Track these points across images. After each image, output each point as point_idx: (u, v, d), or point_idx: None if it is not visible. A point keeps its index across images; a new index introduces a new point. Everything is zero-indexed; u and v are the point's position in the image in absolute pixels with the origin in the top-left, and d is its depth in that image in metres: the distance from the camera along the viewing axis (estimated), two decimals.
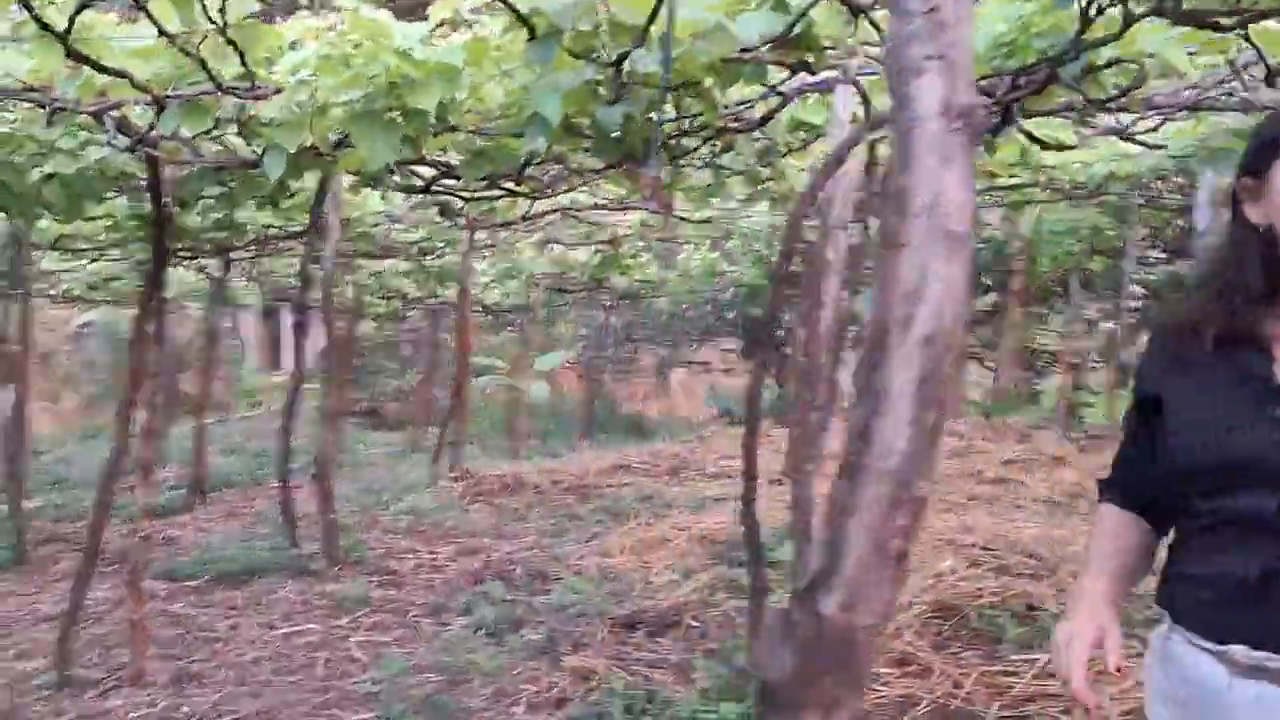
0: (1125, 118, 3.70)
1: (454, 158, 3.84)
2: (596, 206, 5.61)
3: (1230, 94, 2.73)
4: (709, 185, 5.02)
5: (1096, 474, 5.34)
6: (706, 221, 6.66)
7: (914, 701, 3.28)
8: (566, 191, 4.28)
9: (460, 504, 6.55)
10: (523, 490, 6.80)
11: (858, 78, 3.06)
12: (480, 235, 7.57)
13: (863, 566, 0.77)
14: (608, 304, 11.13)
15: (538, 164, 3.62)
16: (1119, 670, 1.52)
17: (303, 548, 5.34)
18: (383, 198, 5.17)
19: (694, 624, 4.06)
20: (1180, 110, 2.83)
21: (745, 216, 7.76)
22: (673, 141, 3.15)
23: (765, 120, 2.96)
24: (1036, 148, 4.64)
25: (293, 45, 2.90)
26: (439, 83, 2.77)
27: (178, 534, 5.91)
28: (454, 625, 4.31)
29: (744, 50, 2.40)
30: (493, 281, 10.66)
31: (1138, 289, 10.82)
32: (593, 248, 9.57)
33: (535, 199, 4.44)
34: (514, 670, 3.72)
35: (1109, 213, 9.50)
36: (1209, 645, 1.37)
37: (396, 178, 3.60)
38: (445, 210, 6.05)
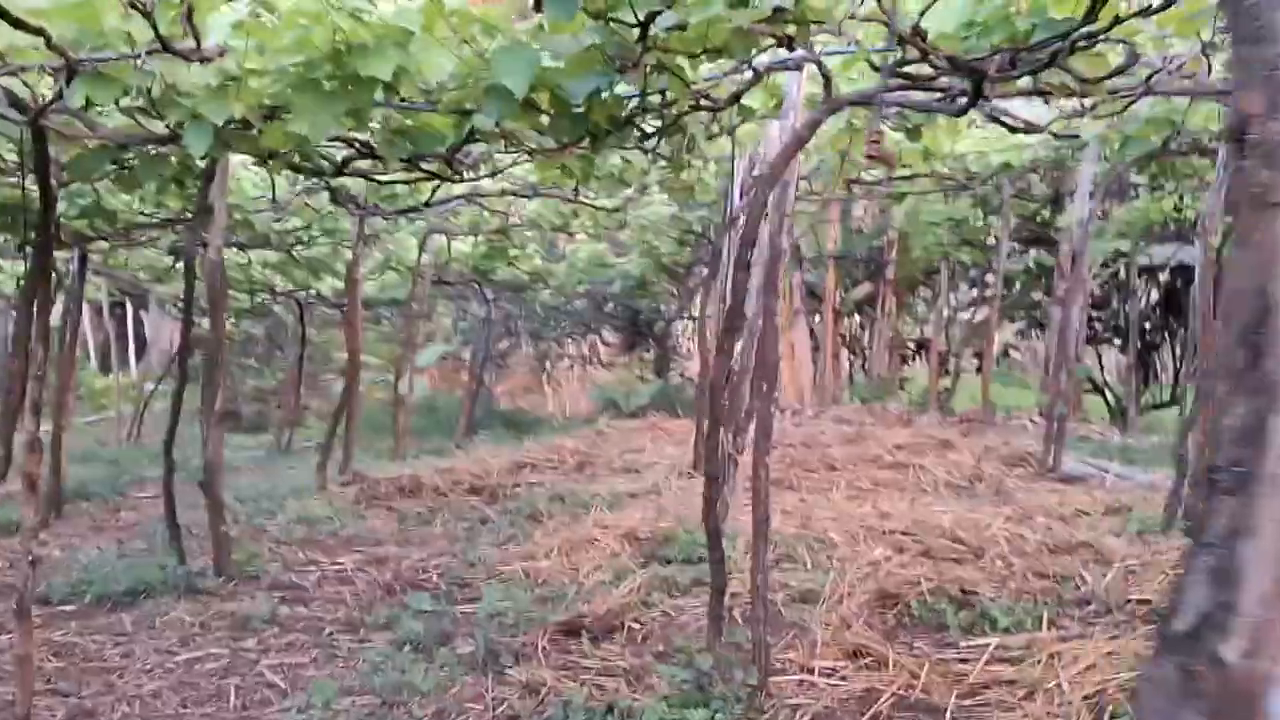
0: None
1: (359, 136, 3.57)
2: (505, 193, 5.37)
3: (1188, 76, 2.77)
4: (621, 170, 4.86)
5: (984, 457, 5.37)
6: (616, 210, 6.50)
7: (876, 695, 3.23)
8: (492, 175, 4.04)
9: (356, 510, 6.19)
10: (422, 493, 6.49)
11: (821, 58, 2.97)
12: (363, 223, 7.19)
13: (1264, 602, 0.64)
14: (491, 297, 10.82)
15: (475, 143, 3.39)
16: None
17: (190, 563, 4.91)
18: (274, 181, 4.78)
19: (636, 626, 3.91)
20: (1141, 95, 2.86)
21: (644, 205, 7.65)
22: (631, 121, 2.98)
23: (736, 98, 2.83)
24: (930, 138, 4.68)
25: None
26: (392, 49, 2.52)
27: (41, 551, 5.34)
28: (376, 641, 4.01)
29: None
30: (370, 273, 10.21)
31: (994, 278, 11.29)
32: (478, 238, 9.29)
33: (455, 181, 4.18)
34: (453, 688, 3.47)
35: (979, 204, 9.86)
36: None
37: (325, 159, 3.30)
38: (337, 196, 5.70)
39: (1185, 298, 11.92)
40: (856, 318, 12.53)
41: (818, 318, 11.35)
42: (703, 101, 2.84)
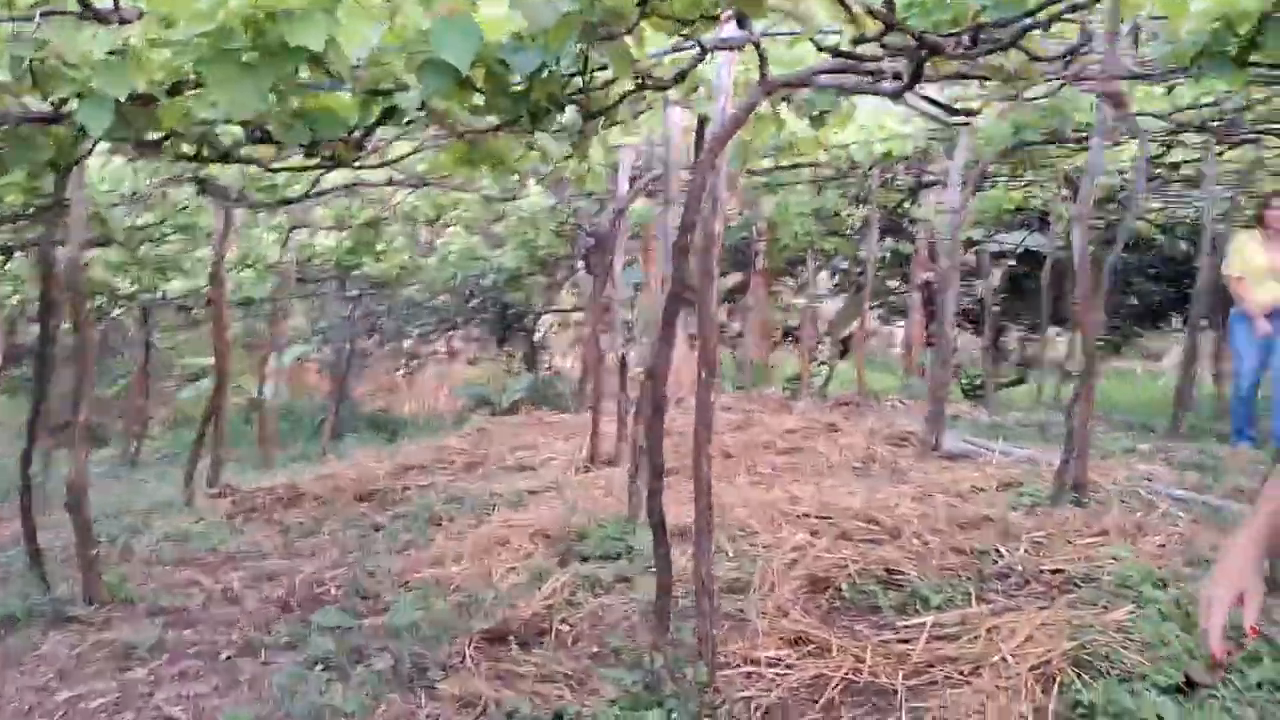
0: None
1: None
2: (391, 183, 5.10)
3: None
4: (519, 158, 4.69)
5: (872, 439, 5.46)
6: (507, 200, 6.29)
7: (824, 681, 3.20)
8: (395, 161, 3.81)
9: (232, 524, 5.78)
10: (303, 503, 6.13)
11: (761, 38, 2.91)
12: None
13: None
14: (355, 293, 10.38)
15: (387, 126, 3.17)
16: (1254, 632, 1.51)
17: (55, 590, 4.46)
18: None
19: (565, 628, 3.77)
20: (1073, 79, 2.92)
21: (523, 196, 7.47)
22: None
23: (682, 77, 2.73)
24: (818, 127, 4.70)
25: None
26: (320, 15, 2.30)
27: None
28: (281, 663, 3.72)
29: None
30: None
31: (863, 266, 11.64)
32: (343, 232, 8.89)
33: (355, 168, 3.93)
34: (380, 707, 3.25)
35: (845, 193, 10.10)
36: None
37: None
38: (206, 187, 5.31)
39: (1031, 282, 12.62)
40: (725, 306, 12.67)
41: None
42: (648, 81, 2.73)
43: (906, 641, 3.42)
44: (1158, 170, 8.25)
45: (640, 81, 2.71)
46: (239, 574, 4.88)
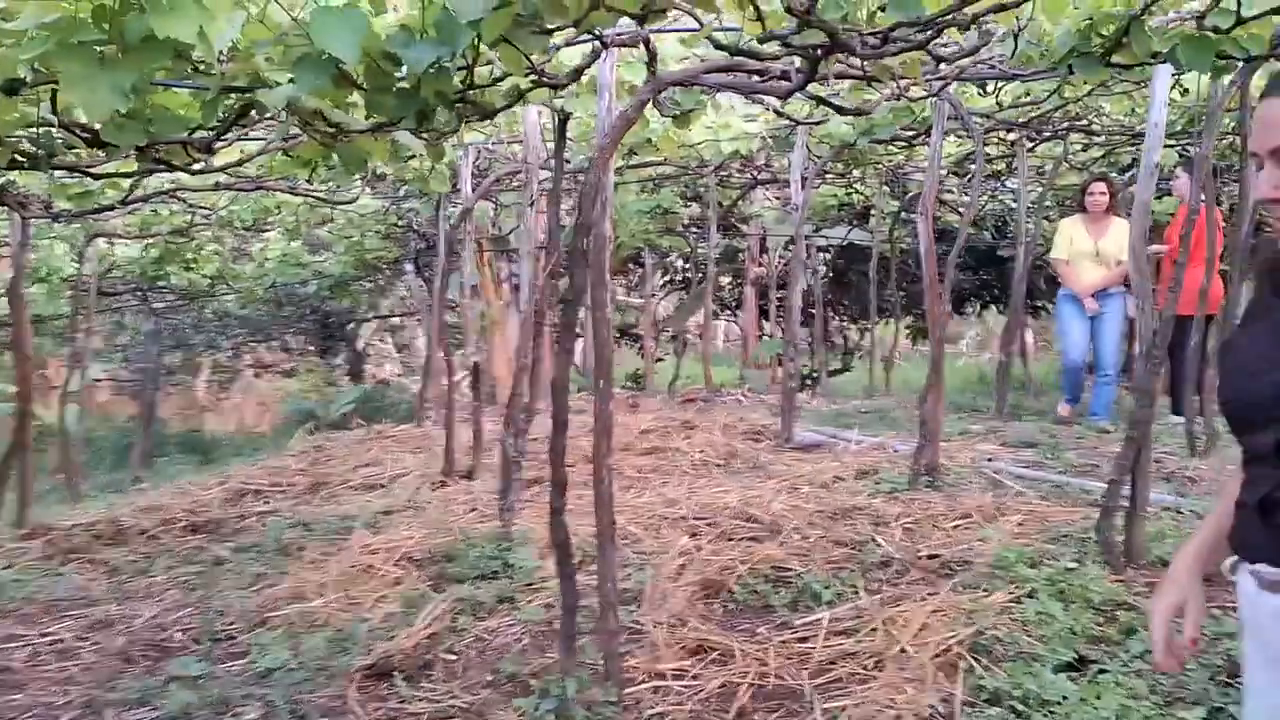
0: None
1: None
2: (220, 186, 4.69)
3: (984, 61, 2.92)
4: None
5: (729, 434, 5.51)
6: (351, 201, 5.92)
7: (732, 689, 3.16)
8: (239, 163, 3.48)
9: (49, 567, 5.18)
10: (127, 538, 5.57)
11: (649, 35, 2.82)
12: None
13: None
14: (161, 306, 9.59)
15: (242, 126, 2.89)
16: (1193, 643, 1.56)
17: None
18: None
19: (452, 657, 3.57)
20: (954, 79, 2.97)
21: (348, 200, 7.08)
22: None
23: (578, 73, 2.60)
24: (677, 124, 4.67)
25: None
26: (192, 5, 2.05)
27: None
28: None
29: None
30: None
31: (703, 264, 11.78)
32: (149, 241, 8.21)
33: (191, 172, 3.57)
34: None
35: (680, 193, 10.19)
36: (1245, 564, 1.47)
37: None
38: (5, 195, 4.75)
39: (853, 274, 13.14)
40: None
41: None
42: (543, 78, 2.58)
43: (806, 640, 3.42)
44: (971, 165, 8.71)
45: (537, 79, 2.57)
46: (67, 624, 4.37)
